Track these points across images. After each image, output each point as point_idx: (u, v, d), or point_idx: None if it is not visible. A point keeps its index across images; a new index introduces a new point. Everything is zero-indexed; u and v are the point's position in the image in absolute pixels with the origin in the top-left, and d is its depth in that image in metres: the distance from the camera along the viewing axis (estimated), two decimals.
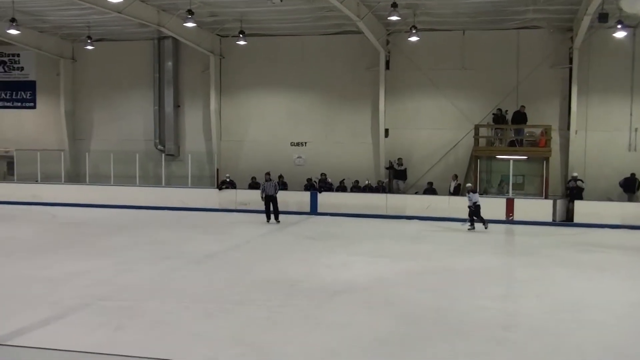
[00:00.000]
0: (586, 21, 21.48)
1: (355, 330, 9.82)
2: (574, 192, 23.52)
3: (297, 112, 28.16)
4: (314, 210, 24.87)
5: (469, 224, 21.07)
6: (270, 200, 22.44)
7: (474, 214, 21.01)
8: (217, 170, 28.05)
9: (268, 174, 23.18)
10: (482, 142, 25.50)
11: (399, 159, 26.30)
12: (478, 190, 23.06)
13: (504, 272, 14.90)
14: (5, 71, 31.48)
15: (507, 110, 24.99)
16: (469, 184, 22.43)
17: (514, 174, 24.52)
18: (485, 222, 20.92)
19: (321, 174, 26.26)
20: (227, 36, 27.81)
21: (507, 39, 25.61)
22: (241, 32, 25.44)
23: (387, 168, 26.48)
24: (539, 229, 22.06)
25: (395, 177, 26.34)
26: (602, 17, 20.60)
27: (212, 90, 28.22)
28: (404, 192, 25.78)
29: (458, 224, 21.75)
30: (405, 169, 26.29)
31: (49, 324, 9.92)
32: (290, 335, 9.56)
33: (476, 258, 16.22)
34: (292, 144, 28.24)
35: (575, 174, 24.01)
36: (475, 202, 20.95)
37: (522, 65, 25.48)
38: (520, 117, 24.61)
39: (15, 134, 30.99)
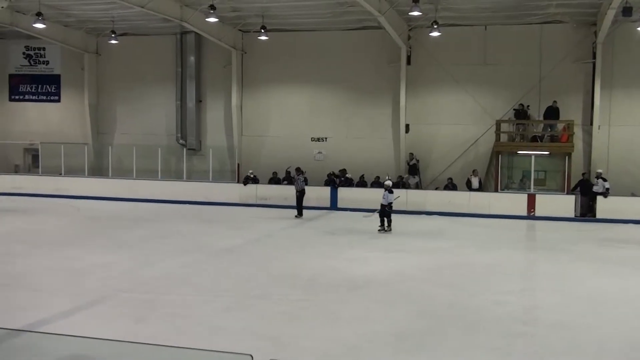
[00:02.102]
0: (610, 15, 21.26)
1: (374, 324, 9.87)
2: (582, 185, 23.17)
3: (318, 107, 28.20)
4: (334, 206, 24.93)
5: (372, 214, 19.81)
6: (302, 194, 22.89)
7: (387, 214, 19.40)
8: (238, 165, 28.20)
9: (299, 168, 23.50)
10: (504, 137, 25.35)
11: (410, 154, 26.25)
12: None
13: (524, 267, 14.86)
14: (31, 65, 31.90)
15: (528, 106, 24.83)
16: (388, 181, 20.44)
17: (535, 169, 24.37)
18: (390, 223, 19.38)
19: (339, 170, 26.27)
20: (249, 31, 27.91)
21: (530, 33, 25.42)
22: (263, 27, 25.54)
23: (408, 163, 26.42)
24: (560, 224, 21.91)
25: (407, 172, 26.29)
26: (626, 11, 20.38)
27: (234, 85, 28.36)
28: (416, 187, 25.62)
29: (477, 220, 21.68)
30: (416, 164, 26.21)
31: (71, 314, 10.10)
32: (309, 329, 9.63)
33: (496, 253, 16.19)
34: (313, 139, 28.29)
35: (599, 171, 23.57)
36: (390, 203, 19.38)
37: (544, 60, 25.28)
38: (552, 112, 24.42)
39: (40, 127, 31.40)
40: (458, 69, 26.15)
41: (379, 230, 19.23)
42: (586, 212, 22.80)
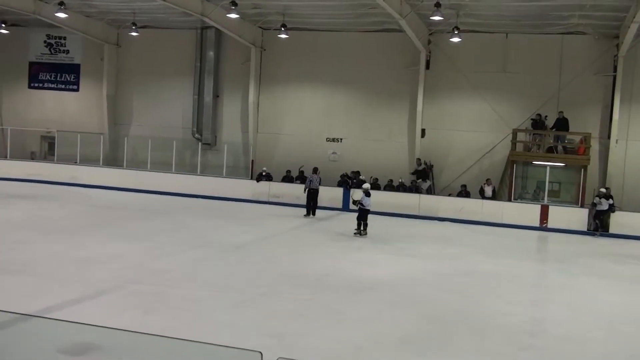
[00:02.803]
0: (633, 29, 21.06)
1: (380, 326, 9.86)
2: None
3: (334, 108, 28.18)
4: (345, 207, 24.89)
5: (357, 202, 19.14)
6: (313, 194, 22.98)
7: (364, 217, 18.89)
8: (252, 161, 28.24)
9: (316, 168, 23.75)
10: (519, 147, 25.21)
11: (418, 159, 26.19)
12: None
13: (533, 278, 14.78)
14: (51, 53, 32.12)
15: (546, 116, 24.66)
16: (366, 184, 20.17)
17: (550, 180, 24.20)
18: (366, 227, 18.88)
19: (352, 172, 26.26)
20: (269, 29, 27.95)
21: (551, 43, 25.26)
22: (283, 25, 25.56)
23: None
24: (573, 237, 21.75)
25: (417, 177, 26.23)
26: None
27: (252, 82, 28.41)
28: (428, 192, 25.51)
29: (489, 228, 21.59)
30: (425, 169, 26.13)
31: (79, 303, 10.17)
32: (315, 328, 9.64)
33: (506, 262, 16.10)
34: (328, 140, 28.28)
35: (603, 190, 22.56)
36: (369, 206, 18.94)
37: (564, 71, 25.11)
38: (561, 123, 24.28)
39: (58, 115, 31.60)
40: (477, 75, 26.04)
41: (354, 233, 18.80)
42: (595, 229, 22.36)
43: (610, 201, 22.35)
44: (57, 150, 29.99)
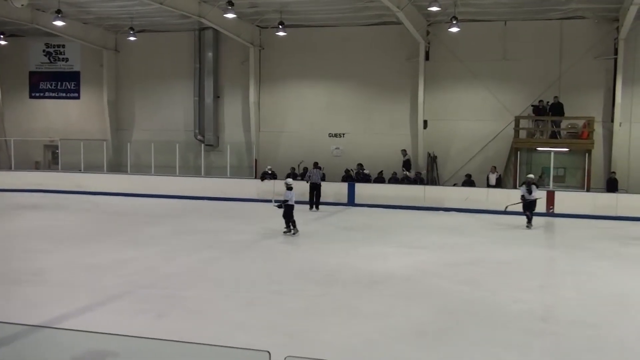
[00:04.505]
0: (632, 11, 21.00)
1: (392, 320, 9.86)
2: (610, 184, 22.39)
3: (336, 103, 28.18)
4: (351, 202, 24.89)
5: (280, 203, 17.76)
6: (314, 188, 23.28)
7: (290, 215, 17.59)
8: (256, 160, 28.26)
9: (316, 163, 24.27)
10: (523, 134, 25.17)
11: (403, 150, 26.41)
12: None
13: (543, 264, 14.76)
14: (50, 62, 32.17)
15: (548, 102, 24.64)
16: (289, 179, 18.83)
17: (555, 166, 24.17)
18: (295, 224, 17.69)
19: (357, 165, 26.29)
20: (266, 27, 27.94)
21: (550, 29, 25.20)
22: (281, 23, 25.54)
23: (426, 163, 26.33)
24: (580, 222, 21.71)
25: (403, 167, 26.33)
26: None
27: (252, 81, 28.41)
28: (413, 183, 25.40)
29: (497, 216, 21.56)
30: (408, 159, 26.32)
31: (91, 310, 10.18)
32: (327, 324, 9.64)
33: (515, 250, 16.09)
34: (330, 135, 28.30)
35: (530, 176, 20.78)
36: (292, 200, 17.56)
37: (565, 56, 25.06)
38: (556, 108, 24.23)
39: (60, 124, 31.67)
40: (477, 64, 26.00)
41: (284, 232, 17.64)
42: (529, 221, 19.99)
43: (535, 192, 19.99)
44: (61, 159, 30.05)
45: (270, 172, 26.51)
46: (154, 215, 21.83)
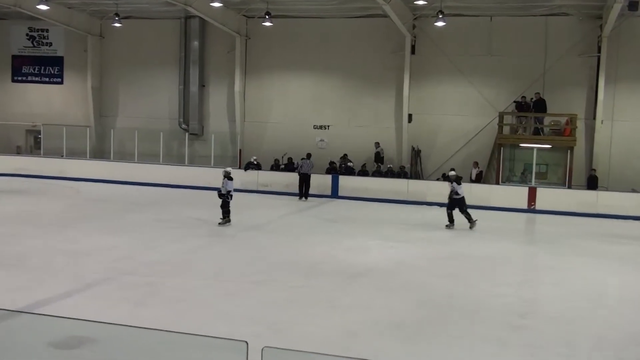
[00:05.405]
0: (616, 9, 21.15)
1: (373, 312, 9.93)
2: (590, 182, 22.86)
3: (321, 95, 28.16)
4: (334, 194, 24.91)
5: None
6: (304, 179, 23.69)
7: (225, 204, 17.53)
8: (240, 150, 28.19)
9: (309, 154, 24.62)
10: (506, 130, 25.32)
11: (376, 142, 26.60)
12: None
13: (523, 260, 14.92)
14: (34, 46, 31.81)
15: (531, 98, 24.77)
16: (228, 168, 18.47)
17: (537, 162, 24.34)
18: (228, 214, 17.57)
19: (341, 157, 26.35)
20: (253, 17, 27.81)
21: (535, 26, 25.32)
22: (267, 13, 25.39)
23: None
24: (561, 218, 21.88)
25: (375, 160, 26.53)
26: (632, 6, 20.34)
27: (237, 70, 28.29)
28: (380, 175, 25.52)
29: (479, 211, 21.69)
30: (379, 152, 26.50)
31: (71, 296, 10.17)
32: (308, 315, 9.69)
33: (495, 245, 16.22)
34: (315, 127, 28.27)
35: (452, 173, 19.71)
36: (229, 191, 17.52)
37: (549, 53, 25.20)
38: (539, 104, 24.38)
39: (43, 108, 31.33)
40: (462, 59, 26.07)
41: (219, 223, 17.40)
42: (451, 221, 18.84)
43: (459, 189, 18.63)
44: (44, 144, 29.80)
45: (255, 162, 26.45)
46: (136, 202, 21.73)
